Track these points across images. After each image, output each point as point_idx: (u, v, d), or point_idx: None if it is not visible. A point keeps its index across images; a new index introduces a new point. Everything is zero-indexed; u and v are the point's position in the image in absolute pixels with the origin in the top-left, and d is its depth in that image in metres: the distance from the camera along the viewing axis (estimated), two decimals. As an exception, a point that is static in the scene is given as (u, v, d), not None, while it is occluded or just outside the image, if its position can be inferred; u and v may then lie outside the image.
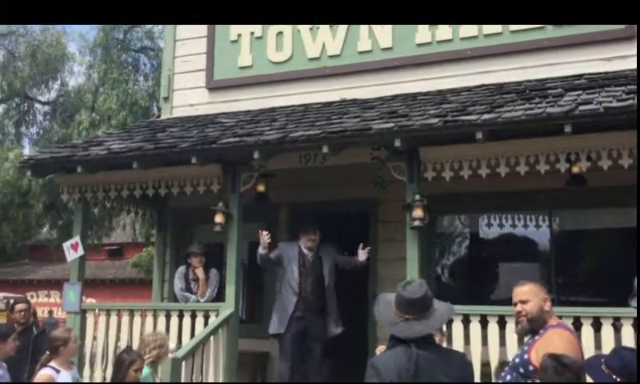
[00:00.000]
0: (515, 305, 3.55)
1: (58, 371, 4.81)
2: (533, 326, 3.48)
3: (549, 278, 6.93)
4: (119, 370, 4.46)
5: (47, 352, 4.95)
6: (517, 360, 3.43)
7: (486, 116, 5.45)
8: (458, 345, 5.37)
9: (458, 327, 5.47)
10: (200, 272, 6.92)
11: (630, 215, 6.57)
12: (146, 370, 4.76)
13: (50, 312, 20.80)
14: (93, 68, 19.60)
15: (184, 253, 7.38)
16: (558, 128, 5.18)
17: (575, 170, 5.65)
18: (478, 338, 5.45)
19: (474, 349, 5.39)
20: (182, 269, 7.19)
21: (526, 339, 3.60)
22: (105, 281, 24.22)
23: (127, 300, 16.50)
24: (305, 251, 6.63)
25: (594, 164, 5.36)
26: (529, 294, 3.46)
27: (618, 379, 2.92)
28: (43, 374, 4.81)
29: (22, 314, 6.54)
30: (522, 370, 3.35)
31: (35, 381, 4.83)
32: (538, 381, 3.13)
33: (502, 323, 5.39)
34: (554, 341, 3.26)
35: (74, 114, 18.93)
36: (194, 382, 5.74)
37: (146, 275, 24.68)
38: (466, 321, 5.48)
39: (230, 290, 6.36)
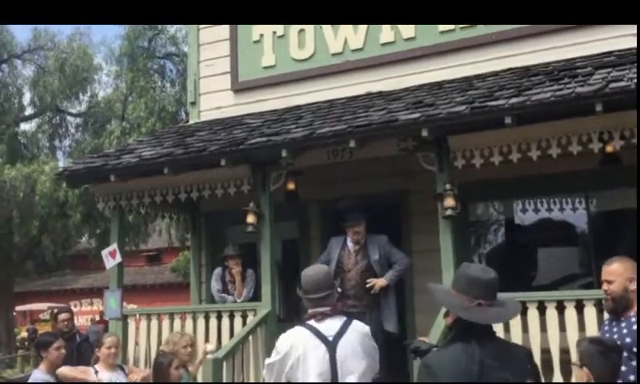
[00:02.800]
0: (601, 283, 3.52)
1: (97, 371, 4.94)
2: (616, 306, 3.41)
3: (588, 262, 6.82)
4: (161, 374, 4.54)
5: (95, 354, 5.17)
6: (628, 340, 3.30)
7: (513, 100, 5.37)
8: (515, 333, 5.29)
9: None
10: (236, 273, 6.98)
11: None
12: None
13: (92, 319, 21.25)
14: (120, 77, 19.93)
15: (220, 255, 7.43)
16: (589, 107, 5.07)
17: (609, 149, 5.53)
18: (537, 326, 5.34)
19: (533, 336, 5.29)
20: (218, 271, 7.27)
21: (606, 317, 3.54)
22: (145, 286, 24.73)
23: (167, 304, 16.78)
24: (349, 245, 6.42)
25: (628, 142, 5.23)
26: (614, 274, 3.41)
27: None
28: (84, 368, 5.00)
29: (66, 323, 6.70)
30: (634, 349, 3.26)
31: (74, 370, 4.99)
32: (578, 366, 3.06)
33: (560, 309, 5.30)
34: None
35: (105, 123, 19.31)
36: (228, 382, 5.77)
37: (184, 279, 25.09)
38: (523, 308, 5.35)
39: (266, 290, 6.41)
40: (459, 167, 5.77)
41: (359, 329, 3.55)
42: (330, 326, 3.48)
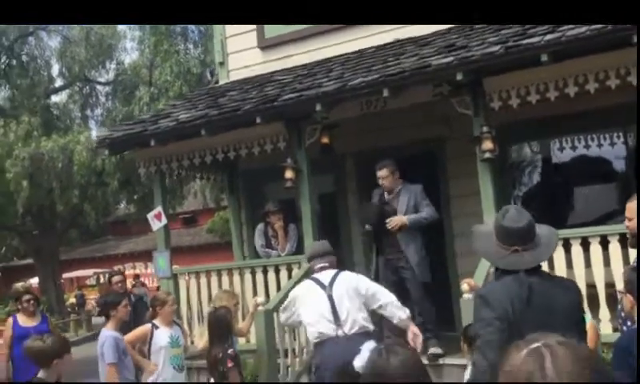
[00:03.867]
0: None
1: (157, 327, 5.18)
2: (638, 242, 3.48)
3: (628, 197, 6.76)
4: (223, 327, 4.69)
5: (149, 312, 5.39)
6: None
7: (549, 36, 5.29)
8: (560, 270, 5.32)
9: (559, 252, 5.32)
10: (278, 227, 7.12)
11: None
12: None
13: (137, 282, 21.91)
14: (143, 42, 19.99)
15: (261, 212, 7.58)
16: (626, 39, 4.98)
17: (647, 80, 5.43)
18: (581, 262, 5.38)
19: (578, 272, 5.33)
20: (260, 226, 7.40)
21: None
22: (182, 248, 25.25)
23: (206, 264, 17.17)
24: (385, 194, 6.34)
25: (668, 72, 5.13)
26: (632, 212, 3.44)
27: None
28: (143, 327, 5.24)
29: (119, 285, 6.99)
30: None
31: (135, 332, 5.24)
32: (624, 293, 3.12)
33: (604, 244, 5.32)
34: None
35: (133, 90, 19.50)
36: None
37: (220, 239, 25.57)
38: (567, 245, 5.40)
39: (309, 242, 6.53)
40: (496, 109, 5.75)
41: (347, 277, 4.55)
42: (326, 277, 4.54)
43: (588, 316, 4.70)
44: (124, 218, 24.63)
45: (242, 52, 8.61)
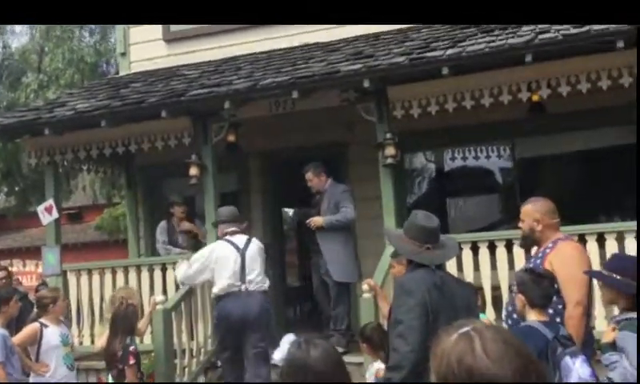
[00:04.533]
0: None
1: (46, 326, 4.91)
2: (525, 243, 3.85)
3: (514, 206, 7.28)
4: (130, 324, 4.53)
5: (35, 310, 5.05)
6: (530, 265, 3.65)
7: (450, 51, 5.60)
8: (468, 272, 5.65)
9: (467, 254, 5.68)
10: (182, 220, 7.05)
11: (587, 138, 6.95)
12: None
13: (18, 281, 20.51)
14: (35, 27, 18.79)
15: (165, 207, 7.45)
16: (520, 58, 5.38)
17: (535, 98, 5.90)
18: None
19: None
20: (163, 223, 7.31)
21: (533, 253, 3.88)
22: (67, 245, 23.86)
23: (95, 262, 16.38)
24: (317, 196, 6.62)
25: (554, 91, 5.60)
26: (524, 214, 3.73)
27: (619, 277, 3.20)
28: (31, 326, 4.93)
29: (3, 281, 6.53)
30: None
31: (23, 333, 4.93)
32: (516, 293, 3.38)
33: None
34: (566, 251, 3.56)
35: (21, 76, 18.20)
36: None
37: (109, 237, 24.47)
38: (474, 248, 5.73)
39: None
40: (398, 117, 5.99)
41: (257, 243, 5.56)
42: (240, 240, 5.47)
43: (483, 314, 5.05)
44: (2, 212, 22.92)
45: (146, 43, 8.37)
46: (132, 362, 4.37)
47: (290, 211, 14.29)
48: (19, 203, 18.88)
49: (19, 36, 32.45)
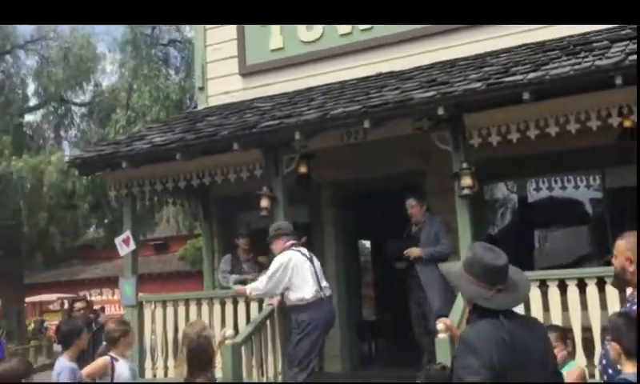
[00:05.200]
0: None
1: (116, 360, 4.88)
2: (618, 283, 3.40)
3: (605, 239, 6.74)
4: (208, 355, 4.43)
5: (104, 343, 5.04)
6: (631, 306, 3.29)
7: (531, 75, 5.28)
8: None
9: (534, 292, 5.26)
10: (246, 251, 7.26)
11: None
12: None
13: (102, 309, 21.30)
14: (124, 66, 19.83)
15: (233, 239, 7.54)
16: (609, 81, 4.99)
17: (627, 123, 5.45)
18: (558, 303, 5.30)
19: (555, 314, 5.26)
20: (227, 256, 7.48)
21: (628, 294, 3.50)
22: (152, 275, 24.72)
23: (177, 292, 16.78)
24: (413, 226, 6.51)
25: (647, 116, 5.14)
26: (616, 251, 3.35)
27: None
28: (102, 359, 4.90)
29: (82, 311, 6.70)
30: None
31: (94, 365, 4.90)
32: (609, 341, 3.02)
33: (581, 286, 5.25)
34: None
35: (110, 113, 19.21)
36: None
37: (192, 267, 25.11)
38: (543, 286, 5.33)
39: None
40: (475, 146, 5.70)
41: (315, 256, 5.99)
42: (304, 251, 5.87)
43: (574, 362, 4.58)
44: (92, 243, 24.05)
45: (223, 78, 8.52)
46: None
47: (366, 243, 14.10)
48: (108, 234, 19.71)
49: (109, 75, 34.40)
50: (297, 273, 5.67)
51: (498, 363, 2.43)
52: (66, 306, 24.16)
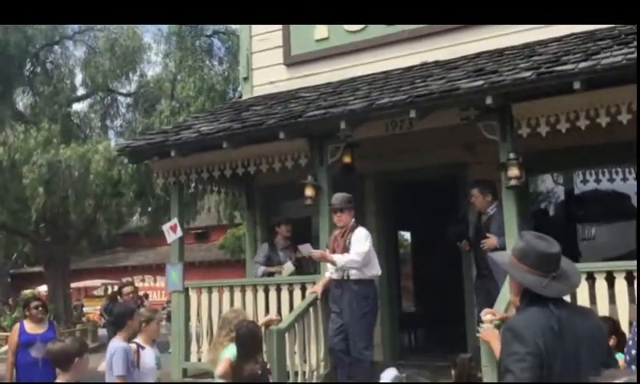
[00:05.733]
0: None
1: (142, 347, 4.90)
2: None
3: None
4: (257, 341, 4.48)
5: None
6: None
7: (582, 64, 5.19)
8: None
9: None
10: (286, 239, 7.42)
11: None
12: (232, 347, 4.63)
13: (146, 295, 21.75)
14: (169, 56, 20.13)
15: (270, 224, 7.79)
16: (662, 70, 4.86)
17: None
18: (605, 296, 5.22)
19: (601, 307, 5.17)
20: (265, 244, 7.67)
21: None
22: (194, 263, 25.15)
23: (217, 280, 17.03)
24: (482, 216, 6.42)
25: None
26: None
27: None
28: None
29: (130, 296, 6.88)
30: None
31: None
32: None
33: (629, 279, 5.16)
34: None
35: (155, 103, 19.54)
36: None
37: (231, 256, 25.43)
38: (591, 279, 5.25)
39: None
40: (524, 136, 5.63)
41: None
42: None
43: (621, 354, 4.50)
44: (135, 230, 24.58)
45: (268, 68, 8.59)
46: (271, 378, 4.32)
47: (405, 234, 14.03)
48: (151, 222, 20.10)
49: (154, 65, 34.97)
50: (373, 248, 5.98)
51: (544, 350, 2.42)
52: (110, 291, 24.84)
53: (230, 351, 4.65)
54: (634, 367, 3.06)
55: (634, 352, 3.03)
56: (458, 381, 4.23)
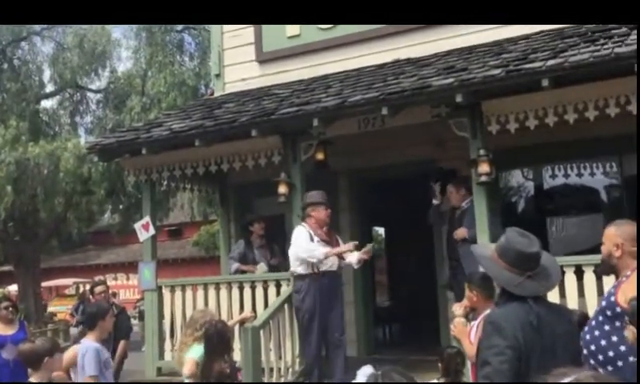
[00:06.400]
0: None
1: None
2: (603, 269, 3.41)
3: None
4: (226, 340, 4.47)
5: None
6: (603, 303, 3.34)
7: (550, 62, 5.28)
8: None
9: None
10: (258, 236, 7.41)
11: None
12: (197, 348, 4.58)
13: (114, 294, 21.49)
14: (139, 52, 19.86)
15: (244, 223, 7.75)
16: (629, 68, 4.98)
17: (646, 110, 5.43)
18: (574, 290, 5.34)
19: (570, 300, 5.29)
20: (240, 241, 7.63)
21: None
22: (167, 261, 24.92)
23: (191, 277, 16.94)
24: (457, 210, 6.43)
25: (669, 103, 5.13)
26: (604, 237, 3.37)
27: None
28: (72, 349, 4.87)
29: (102, 295, 6.81)
30: (609, 313, 3.27)
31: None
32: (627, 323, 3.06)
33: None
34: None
35: (125, 99, 19.26)
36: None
37: (206, 253, 25.29)
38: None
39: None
40: (493, 132, 5.72)
41: None
42: None
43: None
44: (107, 228, 24.25)
45: (239, 65, 8.56)
46: (240, 378, 4.33)
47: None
48: (123, 220, 19.86)
49: (125, 61, 34.46)
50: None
51: (523, 345, 2.48)
52: (81, 290, 24.49)
53: (194, 351, 4.61)
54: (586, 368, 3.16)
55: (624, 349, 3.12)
56: (444, 374, 4.29)
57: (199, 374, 4.42)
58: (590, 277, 5.32)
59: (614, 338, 3.01)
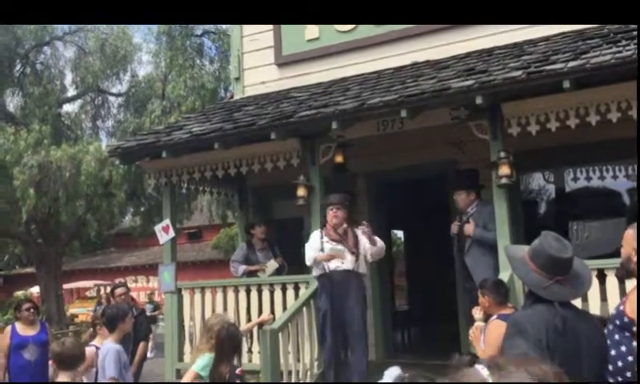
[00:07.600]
0: None
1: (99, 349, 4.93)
2: (621, 272, 3.35)
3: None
4: (235, 345, 4.50)
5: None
6: (614, 312, 3.28)
7: (572, 63, 5.22)
8: (594, 303, 5.21)
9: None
10: (262, 240, 7.52)
11: None
12: (207, 356, 4.62)
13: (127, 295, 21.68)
14: (159, 56, 20.03)
15: (246, 226, 8.02)
16: (651, 69, 4.90)
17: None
18: (597, 294, 5.25)
19: (593, 304, 5.21)
20: (242, 244, 7.74)
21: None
22: (187, 263, 25.09)
23: (210, 280, 17.02)
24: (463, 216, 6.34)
25: (693, 104, 5.04)
26: (624, 240, 3.30)
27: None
28: (88, 349, 4.95)
29: (122, 297, 6.87)
30: (617, 322, 3.21)
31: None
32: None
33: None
34: None
35: (146, 103, 19.43)
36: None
37: (225, 256, 25.38)
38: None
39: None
40: (514, 134, 5.66)
41: None
42: None
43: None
44: (128, 231, 24.48)
45: (259, 68, 8.60)
46: (238, 381, 4.37)
47: (398, 233, 14.07)
48: (144, 223, 20.03)
49: (145, 65, 34.79)
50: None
51: (546, 347, 2.46)
52: (102, 292, 24.75)
53: (200, 362, 4.64)
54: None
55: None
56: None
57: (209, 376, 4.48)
58: (612, 281, 5.24)
59: (623, 348, 2.95)
